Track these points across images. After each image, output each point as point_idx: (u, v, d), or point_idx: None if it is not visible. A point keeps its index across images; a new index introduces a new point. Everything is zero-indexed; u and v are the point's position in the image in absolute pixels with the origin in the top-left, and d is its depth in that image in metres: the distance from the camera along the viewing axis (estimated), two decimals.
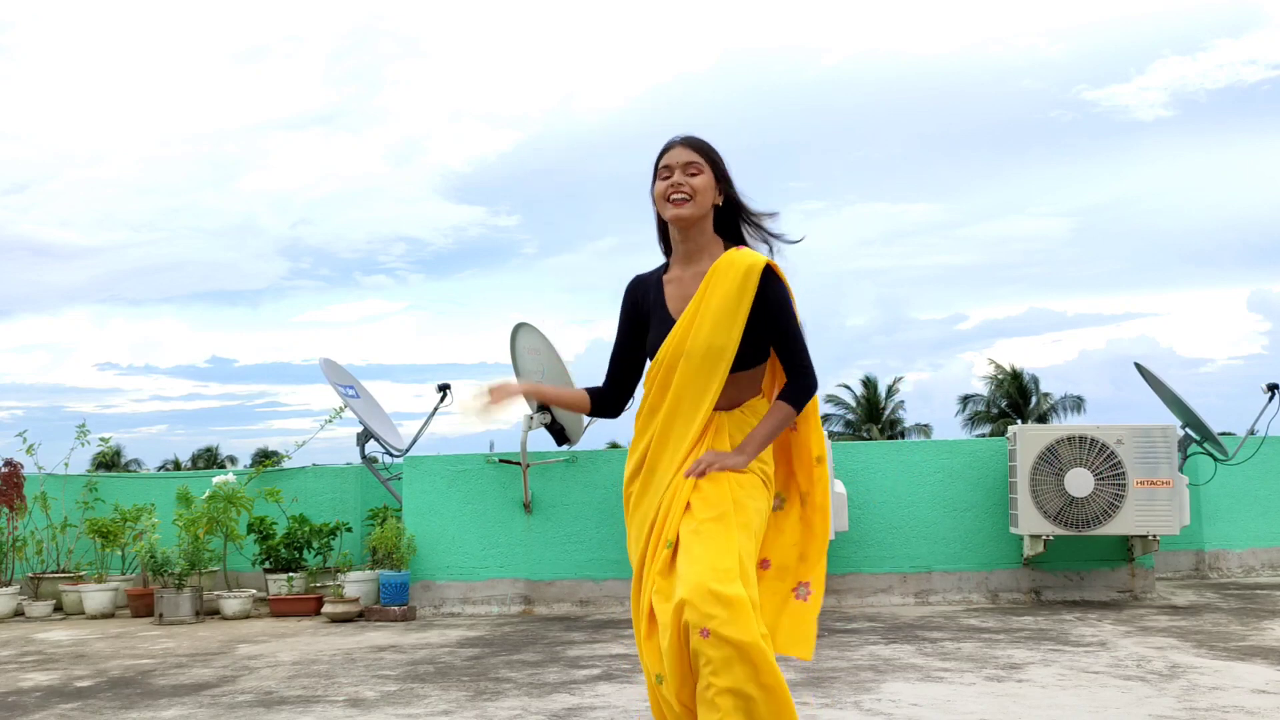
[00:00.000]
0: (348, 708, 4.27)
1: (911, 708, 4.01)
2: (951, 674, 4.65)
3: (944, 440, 8.85)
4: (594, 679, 4.71)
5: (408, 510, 7.45)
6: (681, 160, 2.85)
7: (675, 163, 2.85)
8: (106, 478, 9.05)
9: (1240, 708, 3.88)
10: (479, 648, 5.76)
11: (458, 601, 7.28)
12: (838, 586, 7.23)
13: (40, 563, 8.30)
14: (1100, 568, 7.18)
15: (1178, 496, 6.71)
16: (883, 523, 7.30)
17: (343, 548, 8.06)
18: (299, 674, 5.07)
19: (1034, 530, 6.77)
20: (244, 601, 7.41)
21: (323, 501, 8.43)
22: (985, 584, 7.23)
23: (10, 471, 8.12)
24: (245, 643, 6.17)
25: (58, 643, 6.41)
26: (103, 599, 7.68)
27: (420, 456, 7.65)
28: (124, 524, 8.05)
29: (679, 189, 2.83)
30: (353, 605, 7.08)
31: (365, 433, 8.07)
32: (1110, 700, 4.06)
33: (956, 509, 7.31)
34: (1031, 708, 3.97)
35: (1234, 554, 8.47)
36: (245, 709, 4.30)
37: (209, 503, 7.64)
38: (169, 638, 6.48)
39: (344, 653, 5.68)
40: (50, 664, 5.59)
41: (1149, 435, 6.74)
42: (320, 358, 8.39)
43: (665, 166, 2.86)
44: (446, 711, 4.13)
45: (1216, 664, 4.74)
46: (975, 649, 5.28)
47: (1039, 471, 6.74)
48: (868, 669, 4.80)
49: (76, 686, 4.90)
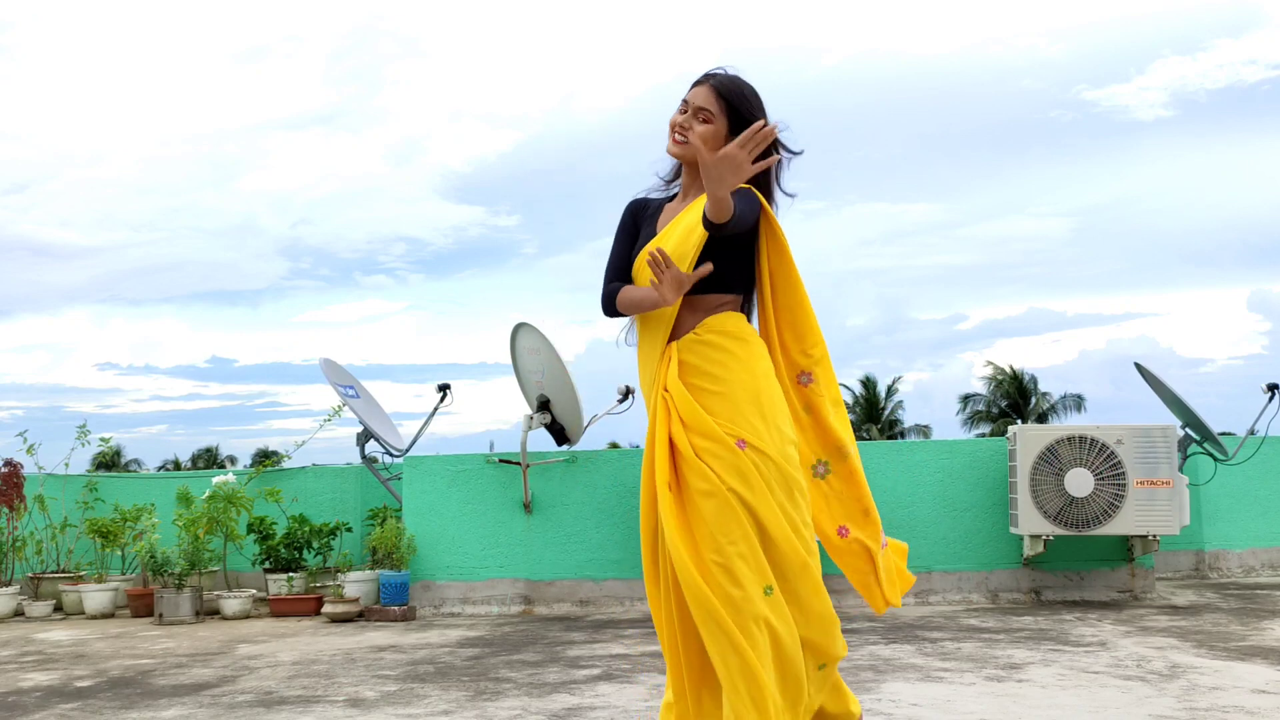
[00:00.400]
0: (348, 708, 4.27)
1: (911, 708, 4.01)
2: (951, 674, 4.65)
3: (944, 440, 8.85)
4: (594, 679, 4.71)
5: (408, 510, 7.45)
6: (699, 102, 2.81)
7: (693, 102, 2.81)
8: (106, 478, 9.04)
9: (1240, 708, 3.88)
10: (479, 648, 5.76)
11: (458, 601, 7.28)
12: (838, 586, 7.21)
13: (40, 563, 8.29)
14: (1100, 568, 7.18)
15: (1178, 496, 6.71)
16: (883, 523, 7.28)
17: (343, 548, 8.06)
18: (299, 674, 5.07)
19: (1034, 530, 6.77)
20: (244, 601, 7.41)
21: (323, 501, 8.42)
22: (985, 584, 7.23)
23: (10, 471, 8.12)
24: (245, 643, 6.17)
25: (58, 643, 6.41)
26: (103, 599, 7.68)
27: (420, 456, 7.65)
28: (124, 524, 8.04)
29: (682, 130, 2.80)
30: (353, 605, 7.08)
31: (365, 433, 8.07)
32: (1110, 700, 4.06)
33: (956, 509, 7.31)
34: (1031, 708, 3.97)
35: (1234, 554, 8.47)
36: (245, 709, 4.30)
37: (209, 503, 7.64)
38: (169, 638, 6.48)
39: (344, 653, 5.68)
40: (50, 664, 5.59)
41: (1149, 435, 6.74)
42: (320, 358, 8.39)
43: (686, 101, 2.83)
44: (446, 711, 4.13)
45: (1216, 664, 4.74)
46: (975, 649, 5.28)
47: (1039, 471, 6.74)
48: (868, 669, 4.80)
49: (76, 686, 4.90)
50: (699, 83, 2.84)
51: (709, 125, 2.78)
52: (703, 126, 2.78)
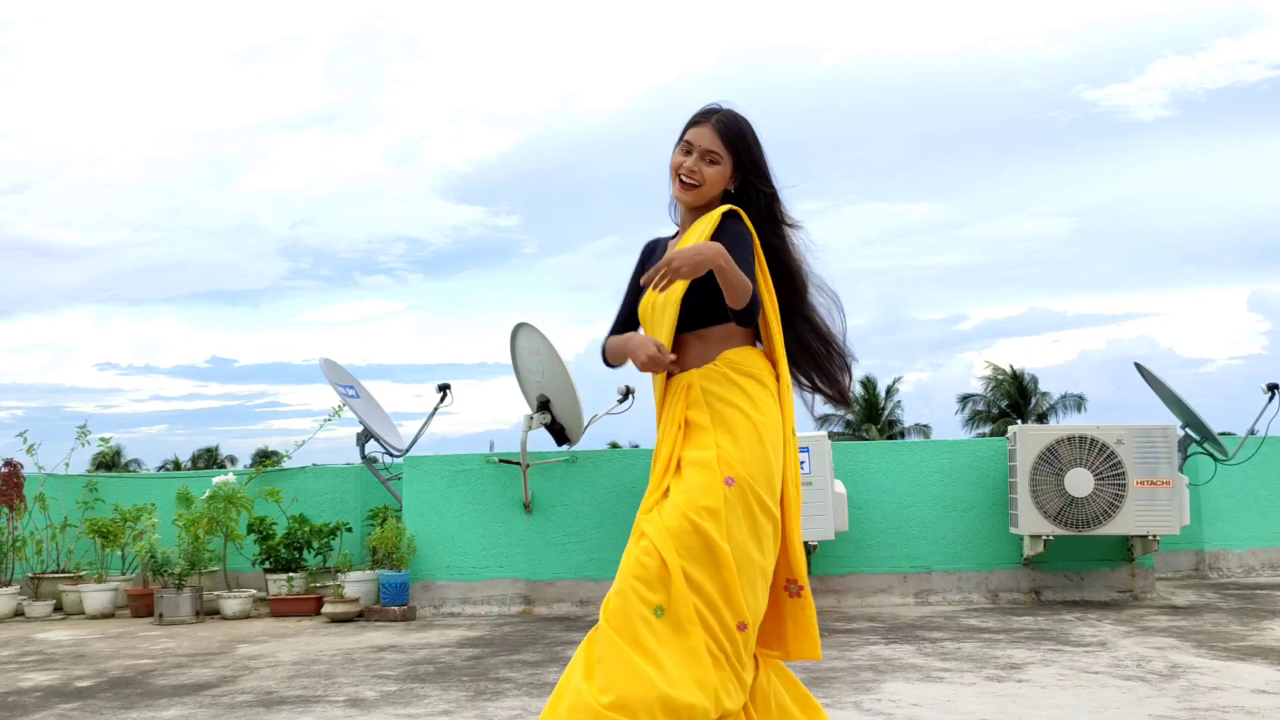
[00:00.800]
0: (348, 708, 4.27)
1: (911, 708, 4.01)
2: (951, 674, 4.65)
3: (944, 440, 8.86)
4: None
5: (408, 510, 7.45)
6: (704, 144, 2.76)
7: (698, 143, 2.76)
8: (106, 478, 9.05)
9: (1240, 708, 3.88)
10: (479, 648, 5.76)
11: (458, 601, 7.28)
12: (838, 586, 7.23)
13: (40, 563, 8.30)
14: (1100, 568, 7.18)
15: (1178, 496, 6.71)
16: (883, 523, 7.30)
17: (343, 548, 8.06)
18: (299, 674, 5.07)
19: (1034, 530, 6.77)
20: (244, 601, 7.41)
21: (323, 501, 8.43)
22: (985, 584, 7.23)
23: (10, 471, 8.12)
24: (245, 643, 6.17)
25: (58, 643, 6.41)
26: (103, 599, 7.68)
27: (420, 456, 7.65)
28: (124, 524, 8.05)
29: (691, 174, 2.76)
30: (353, 605, 7.08)
31: (365, 433, 8.07)
32: (1110, 700, 4.06)
33: (956, 509, 7.31)
34: (1031, 708, 3.97)
35: (1234, 554, 8.47)
36: (245, 709, 4.30)
37: (209, 503, 7.64)
38: (169, 638, 6.48)
39: (344, 653, 5.68)
40: (50, 664, 5.59)
41: (1149, 435, 6.74)
42: (320, 358, 8.40)
43: (688, 142, 2.78)
44: (446, 711, 4.13)
45: (1216, 664, 4.74)
46: (975, 649, 5.28)
47: (1039, 471, 6.74)
48: (868, 669, 4.80)
49: (76, 686, 4.90)
50: (698, 122, 2.79)
51: (717, 166, 2.76)
52: (711, 169, 2.76)
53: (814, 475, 6.70)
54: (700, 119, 2.79)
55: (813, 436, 6.79)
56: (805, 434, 6.84)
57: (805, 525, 6.68)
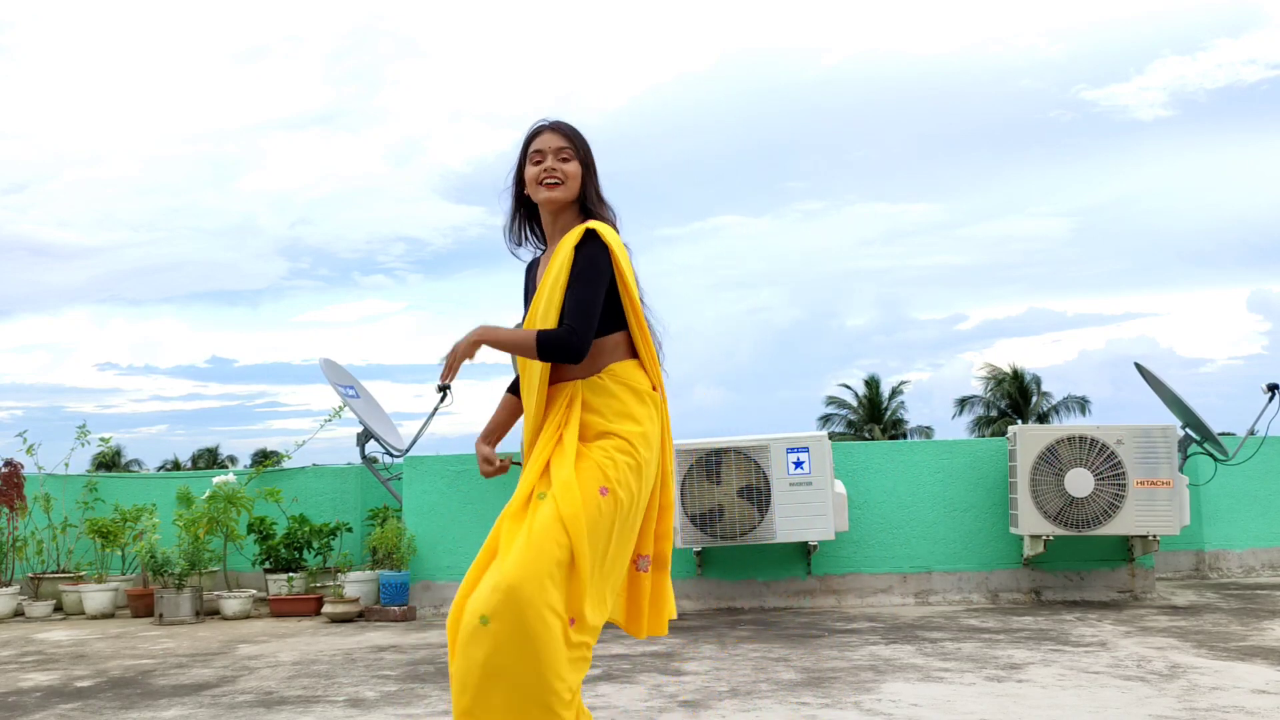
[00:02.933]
0: (348, 708, 4.27)
1: (911, 708, 4.01)
2: (952, 674, 4.65)
3: (944, 440, 8.85)
4: (593, 679, 4.71)
5: (408, 510, 7.45)
6: (554, 146, 2.93)
7: (547, 148, 2.94)
8: (106, 478, 9.05)
9: (1240, 708, 3.88)
10: None
11: None
12: (838, 586, 7.23)
13: (40, 563, 8.30)
14: (1100, 568, 7.18)
15: (1178, 497, 6.71)
16: (883, 523, 7.30)
17: (343, 548, 8.06)
18: (299, 674, 5.07)
19: (1034, 530, 6.77)
20: (244, 602, 7.41)
21: (323, 501, 8.43)
22: (985, 584, 7.23)
23: (10, 471, 8.12)
24: (245, 643, 6.17)
25: (58, 643, 6.41)
26: (103, 599, 7.68)
27: (420, 456, 7.65)
28: (124, 524, 8.05)
29: (552, 174, 2.92)
30: (353, 605, 7.08)
31: (365, 433, 8.07)
32: (1110, 700, 4.06)
33: (956, 509, 7.31)
34: (1031, 708, 3.97)
35: (1234, 554, 8.47)
36: (245, 709, 4.30)
37: (209, 503, 7.64)
38: (169, 638, 6.48)
39: (344, 653, 5.68)
40: (50, 664, 5.59)
41: (1149, 435, 6.74)
42: (320, 358, 8.40)
43: (537, 151, 2.95)
44: (446, 712, 4.13)
45: (1216, 664, 4.74)
46: (975, 649, 5.28)
47: (1039, 472, 6.74)
48: (868, 669, 4.80)
49: (76, 686, 4.90)
50: (538, 133, 2.96)
51: (572, 162, 2.93)
52: (568, 165, 2.92)
53: (814, 475, 6.70)
54: (538, 130, 2.98)
55: (813, 437, 6.79)
56: (806, 434, 6.85)
57: (805, 525, 6.68)
